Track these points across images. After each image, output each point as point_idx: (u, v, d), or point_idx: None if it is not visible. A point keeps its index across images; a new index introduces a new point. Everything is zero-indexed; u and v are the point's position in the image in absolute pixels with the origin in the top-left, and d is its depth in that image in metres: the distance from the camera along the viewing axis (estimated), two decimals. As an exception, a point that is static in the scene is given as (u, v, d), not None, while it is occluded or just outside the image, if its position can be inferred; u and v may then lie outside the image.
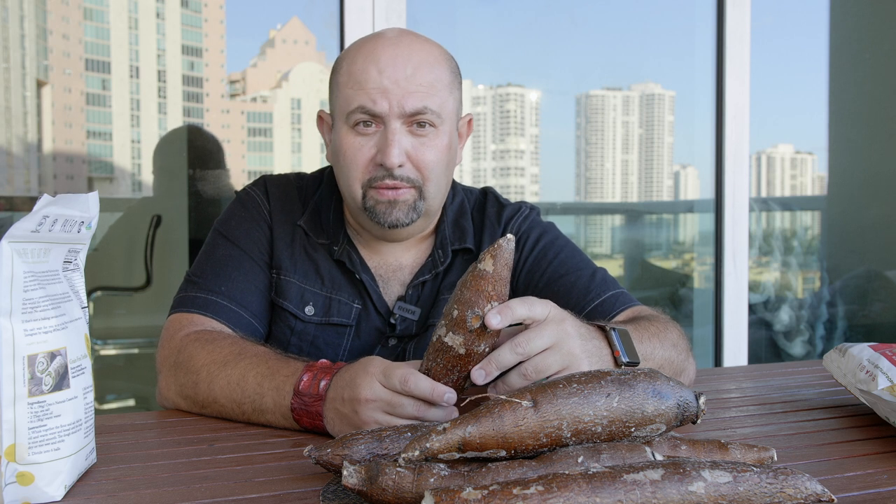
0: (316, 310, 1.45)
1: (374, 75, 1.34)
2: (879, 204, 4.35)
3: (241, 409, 1.22)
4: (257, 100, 5.88)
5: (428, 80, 1.35)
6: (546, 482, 0.72)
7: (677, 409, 0.86)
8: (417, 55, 1.36)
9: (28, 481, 0.87)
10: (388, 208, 1.37)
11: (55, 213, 0.89)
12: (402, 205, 1.37)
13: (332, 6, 2.71)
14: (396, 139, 1.34)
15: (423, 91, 1.34)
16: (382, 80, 1.33)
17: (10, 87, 4.87)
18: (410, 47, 1.37)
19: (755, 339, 3.78)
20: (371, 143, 1.36)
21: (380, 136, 1.35)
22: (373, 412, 1.07)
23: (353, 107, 1.35)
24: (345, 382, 1.11)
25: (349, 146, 1.37)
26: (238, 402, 1.22)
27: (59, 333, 0.90)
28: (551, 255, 1.50)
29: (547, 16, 4.39)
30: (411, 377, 1.05)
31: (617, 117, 5.57)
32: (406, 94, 1.33)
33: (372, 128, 1.36)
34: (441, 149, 1.38)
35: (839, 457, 1.06)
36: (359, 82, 1.35)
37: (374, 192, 1.37)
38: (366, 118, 1.35)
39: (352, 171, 1.37)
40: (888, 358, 1.17)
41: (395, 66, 1.34)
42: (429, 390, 1.04)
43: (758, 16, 3.14)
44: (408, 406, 1.05)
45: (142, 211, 3.92)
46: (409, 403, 1.05)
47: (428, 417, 1.06)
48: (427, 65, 1.36)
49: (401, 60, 1.34)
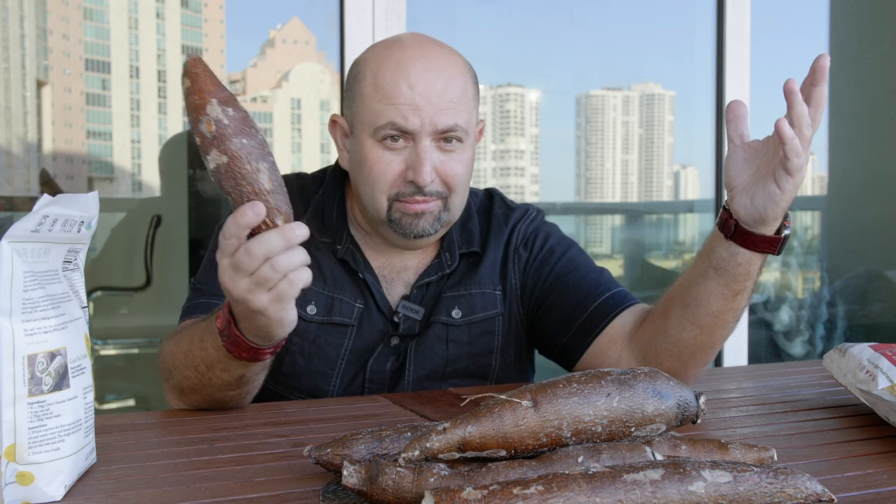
0: (318, 309, 1.45)
1: (406, 90, 1.32)
2: (879, 204, 4.35)
3: (199, 372, 1.22)
4: (257, 100, 5.88)
5: (457, 95, 1.35)
6: (546, 482, 0.72)
7: (677, 408, 0.86)
8: (447, 69, 1.35)
9: (28, 481, 0.87)
10: (413, 220, 1.37)
11: (55, 213, 0.89)
12: (427, 216, 1.37)
13: (332, 6, 2.71)
14: (428, 157, 1.33)
15: (454, 108, 1.34)
16: (414, 96, 1.32)
17: (10, 87, 4.87)
18: (438, 60, 1.36)
19: (755, 339, 3.78)
20: (400, 159, 1.35)
21: (409, 153, 1.35)
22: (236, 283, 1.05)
23: (382, 122, 1.34)
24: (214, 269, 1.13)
25: (377, 160, 1.36)
26: (195, 367, 1.22)
27: (59, 333, 0.90)
28: (559, 253, 1.51)
29: (547, 16, 4.39)
30: (253, 242, 1.02)
31: (617, 117, 5.57)
32: (438, 112, 1.33)
33: (400, 143, 1.35)
34: (467, 162, 1.39)
35: (839, 457, 1.06)
36: (388, 97, 1.33)
37: (401, 206, 1.37)
38: (395, 133, 1.34)
39: (378, 185, 1.37)
40: (888, 358, 1.17)
41: (426, 83, 1.33)
42: (281, 243, 1.02)
43: (758, 16, 3.14)
44: (247, 259, 1.03)
45: (142, 211, 3.92)
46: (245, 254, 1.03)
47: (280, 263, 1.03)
48: (455, 79, 1.36)
49: (432, 75, 1.33)
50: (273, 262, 1.03)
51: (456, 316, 1.46)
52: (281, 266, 1.03)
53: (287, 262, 1.04)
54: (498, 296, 1.49)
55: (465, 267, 1.50)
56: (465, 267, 1.50)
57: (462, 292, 1.48)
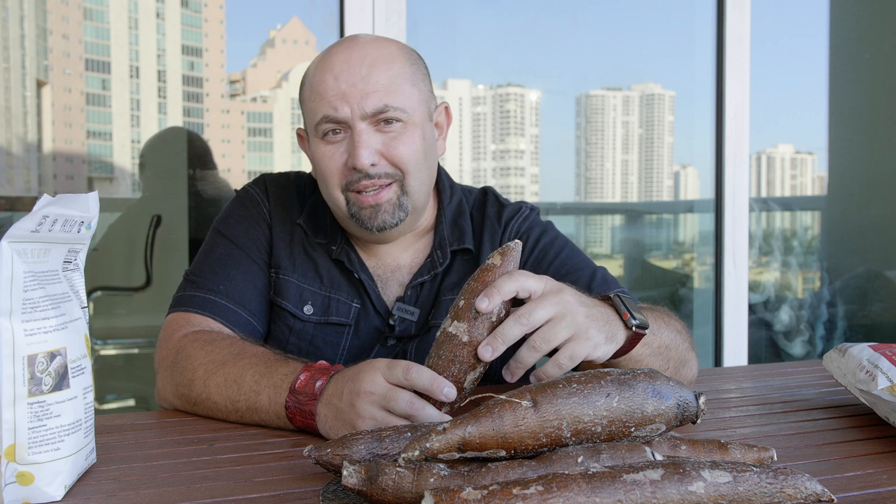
0: (315, 309, 1.45)
1: (331, 82, 1.35)
2: (879, 204, 4.35)
3: (236, 407, 1.22)
4: (257, 100, 5.88)
5: (385, 77, 1.36)
6: (546, 482, 0.72)
7: (677, 409, 0.86)
8: (371, 55, 1.37)
9: (28, 481, 0.87)
10: (372, 213, 1.37)
11: (55, 213, 0.89)
12: (386, 206, 1.37)
13: (332, 6, 2.71)
14: (363, 140, 1.34)
15: (383, 89, 1.35)
16: (339, 85, 1.34)
17: (10, 87, 4.87)
18: (364, 49, 1.37)
19: (755, 339, 3.78)
20: (342, 150, 1.37)
21: (348, 141, 1.36)
22: (369, 405, 1.06)
23: (318, 118, 1.36)
24: (347, 377, 1.11)
25: (322, 156, 1.38)
26: (233, 400, 1.22)
27: (59, 333, 0.90)
28: (552, 255, 1.50)
29: (547, 16, 4.39)
30: (414, 367, 1.05)
31: (617, 117, 5.57)
32: (364, 95, 1.34)
33: (340, 135, 1.36)
34: (414, 142, 1.38)
35: (839, 457, 1.06)
36: (319, 93, 1.36)
37: (355, 198, 1.37)
38: (333, 126, 1.36)
39: (329, 179, 1.38)
40: (888, 358, 1.17)
41: (349, 70, 1.35)
42: (429, 380, 1.04)
43: (758, 16, 3.14)
44: (402, 401, 1.05)
45: (142, 211, 3.92)
46: (405, 399, 1.05)
47: (419, 416, 1.05)
48: (382, 62, 1.37)
49: (354, 63, 1.35)
50: (414, 404, 1.05)
51: None
52: (416, 413, 1.05)
53: (422, 414, 1.06)
54: (497, 299, 1.49)
55: (460, 266, 1.49)
56: (460, 266, 1.49)
57: None
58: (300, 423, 1.15)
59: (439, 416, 1.06)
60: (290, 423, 1.16)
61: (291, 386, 1.15)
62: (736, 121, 3.11)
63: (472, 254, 1.50)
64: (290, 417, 1.16)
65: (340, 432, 1.09)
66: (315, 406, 1.13)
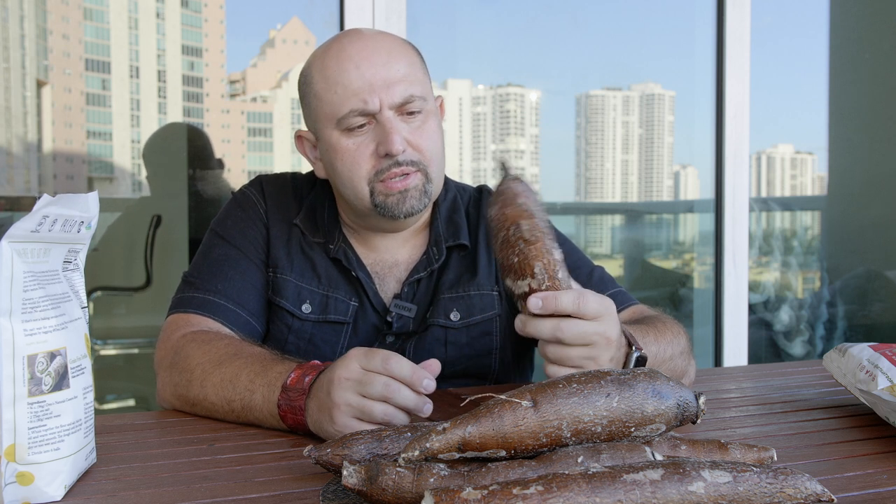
0: (313, 308, 1.45)
1: (354, 72, 1.34)
2: (879, 204, 4.35)
3: (231, 407, 1.21)
4: (257, 100, 5.89)
5: (404, 66, 1.36)
6: (546, 482, 0.72)
7: (677, 409, 0.86)
8: (384, 45, 1.37)
9: (28, 481, 0.87)
10: (400, 199, 1.37)
11: (55, 213, 0.89)
12: (413, 191, 1.37)
13: (332, 6, 2.71)
14: (395, 126, 1.34)
15: (406, 79, 1.35)
16: (364, 75, 1.33)
17: (10, 87, 4.87)
18: (375, 39, 1.37)
19: (755, 339, 3.78)
20: (368, 140, 1.36)
21: (376, 130, 1.35)
22: (344, 391, 1.06)
23: (344, 112, 1.34)
24: (328, 369, 1.11)
25: (348, 149, 1.37)
26: (228, 400, 1.22)
27: (59, 333, 0.90)
28: None
29: (547, 16, 4.39)
30: (394, 357, 1.05)
31: (617, 117, 5.57)
32: (391, 85, 1.34)
33: (365, 126, 1.36)
34: (435, 130, 1.40)
35: (839, 457, 1.06)
36: (341, 83, 1.34)
37: (383, 187, 1.36)
38: (362, 121, 1.35)
39: (356, 171, 1.37)
40: (888, 358, 1.17)
41: (370, 60, 1.34)
42: (409, 371, 1.03)
43: (758, 16, 3.14)
44: (378, 383, 1.04)
45: (141, 211, 3.92)
46: (380, 381, 1.04)
47: (395, 399, 1.04)
48: (397, 52, 1.37)
49: (373, 52, 1.35)
50: (389, 387, 1.04)
51: (454, 318, 1.46)
52: (392, 396, 1.04)
53: (398, 398, 1.05)
54: (495, 296, 1.49)
55: (457, 262, 1.49)
56: (457, 262, 1.49)
57: (460, 294, 1.47)
58: (291, 420, 1.15)
59: (416, 398, 1.05)
60: (282, 423, 1.16)
61: (283, 383, 1.15)
62: (736, 121, 3.11)
63: (468, 249, 1.50)
64: (282, 416, 1.15)
65: (323, 424, 1.09)
66: (304, 401, 1.13)
